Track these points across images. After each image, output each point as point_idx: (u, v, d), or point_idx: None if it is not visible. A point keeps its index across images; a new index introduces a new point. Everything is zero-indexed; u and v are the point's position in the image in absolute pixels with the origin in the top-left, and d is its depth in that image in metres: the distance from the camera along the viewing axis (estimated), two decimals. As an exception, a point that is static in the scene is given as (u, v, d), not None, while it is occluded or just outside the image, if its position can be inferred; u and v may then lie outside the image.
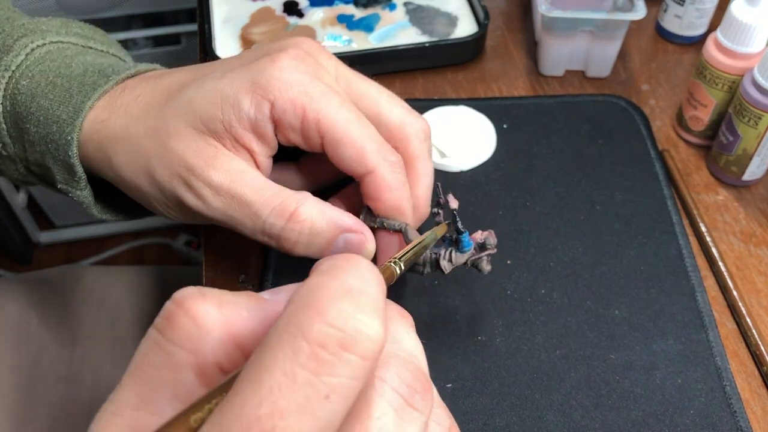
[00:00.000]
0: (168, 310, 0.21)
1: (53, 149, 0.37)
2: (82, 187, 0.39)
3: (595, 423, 0.38)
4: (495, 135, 0.51)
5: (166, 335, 0.21)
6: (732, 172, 0.49)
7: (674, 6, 0.58)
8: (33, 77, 0.38)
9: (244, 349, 0.21)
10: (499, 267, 0.44)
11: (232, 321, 0.21)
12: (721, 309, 0.44)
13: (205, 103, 0.35)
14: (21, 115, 0.38)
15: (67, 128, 0.37)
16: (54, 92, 0.37)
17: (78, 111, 0.37)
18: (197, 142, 0.36)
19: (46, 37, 0.40)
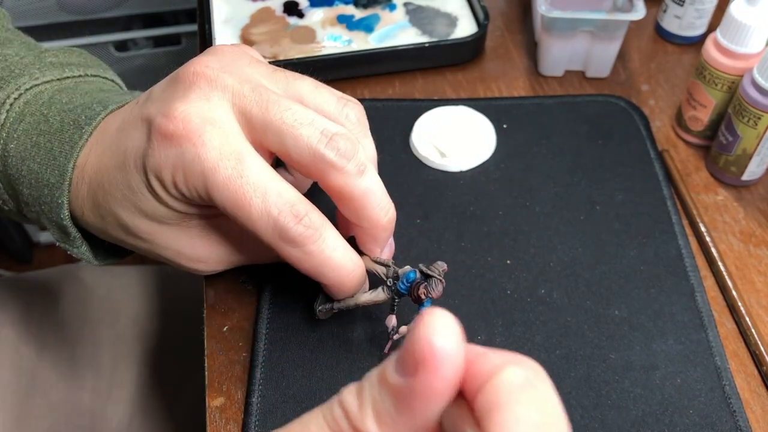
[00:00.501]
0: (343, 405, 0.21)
1: (47, 211, 0.38)
2: (78, 245, 0.39)
3: (594, 423, 0.38)
4: (495, 135, 0.51)
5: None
6: (731, 172, 0.49)
7: (674, 6, 0.58)
8: (19, 138, 0.38)
9: None
10: (499, 267, 0.44)
11: None
12: (721, 309, 0.44)
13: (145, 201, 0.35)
14: (13, 177, 0.38)
15: (56, 192, 0.37)
16: (39, 154, 0.37)
17: (63, 174, 0.36)
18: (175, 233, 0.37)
19: (20, 85, 0.39)
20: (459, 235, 0.46)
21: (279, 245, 0.33)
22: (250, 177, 0.32)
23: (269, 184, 0.32)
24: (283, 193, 0.32)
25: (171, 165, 0.32)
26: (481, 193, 0.48)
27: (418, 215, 0.47)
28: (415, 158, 0.50)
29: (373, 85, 0.56)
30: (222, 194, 0.32)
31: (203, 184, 0.32)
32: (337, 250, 0.33)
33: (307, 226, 0.32)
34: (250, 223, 0.32)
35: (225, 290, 0.43)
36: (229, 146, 0.32)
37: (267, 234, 0.32)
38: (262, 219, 0.32)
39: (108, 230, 0.37)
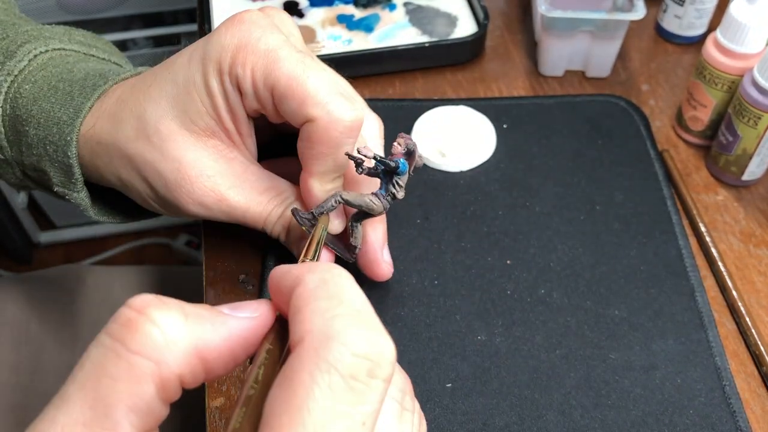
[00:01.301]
0: (126, 317, 0.20)
1: (51, 151, 0.38)
2: (79, 189, 0.39)
3: (594, 423, 0.38)
4: (495, 135, 0.51)
5: (127, 343, 0.20)
6: (732, 172, 0.49)
7: (674, 6, 0.58)
8: (36, 82, 0.38)
9: (206, 364, 0.21)
10: (499, 267, 0.44)
11: (197, 333, 0.21)
12: (721, 309, 0.44)
13: (186, 99, 0.36)
14: (21, 118, 0.38)
15: (66, 128, 0.37)
16: (56, 95, 0.38)
17: (78, 112, 0.37)
18: (193, 145, 0.36)
19: (49, 44, 0.40)
20: (459, 235, 0.46)
21: (333, 99, 0.34)
22: (310, 61, 0.35)
23: (325, 68, 0.35)
24: (337, 81, 0.36)
25: (235, 46, 0.34)
26: (481, 193, 0.48)
27: (418, 215, 0.47)
28: (415, 158, 0.50)
29: (373, 85, 0.56)
30: (283, 67, 0.34)
31: (264, 62, 0.34)
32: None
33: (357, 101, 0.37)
34: (304, 95, 0.34)
35: (225, 290, 0.43)
36: (291, 42, 0.36)
37: (314, 104, 0.34)
38: (318, 89, 0.34)
39: (117, 138, 0.37)
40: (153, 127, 0.36)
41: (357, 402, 0.19)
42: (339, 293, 0.20)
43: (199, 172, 0.36)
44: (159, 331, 0.20)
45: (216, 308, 0.22)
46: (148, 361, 0.20)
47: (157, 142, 0.36)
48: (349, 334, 0.19)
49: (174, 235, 1.34)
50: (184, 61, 0.36)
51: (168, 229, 1.36)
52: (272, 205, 0.38)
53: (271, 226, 0.39)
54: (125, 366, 0.19)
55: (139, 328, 0.20)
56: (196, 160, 0.36)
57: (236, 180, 0.37)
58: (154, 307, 0.20)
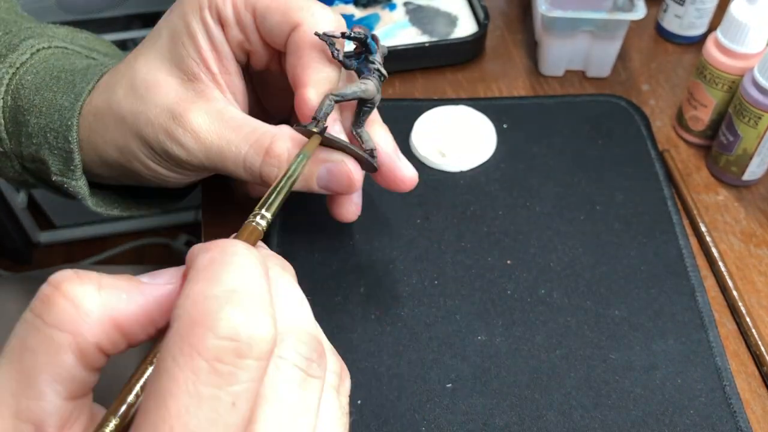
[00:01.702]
0: (44, 293, 0.21)
1: (52, 138, 0.38)
2: (78, 176, 0.39)
3: (594, 423, 0.38)
4: (495, 135, 0.51)
5: (44, 318, 0.21)
6: (732, 172, 0.49)
7: (674, 6, 0.58)
8: (38, 72, 0.39)
9: (123, 331, 0.22)
10: (499, 267, 0.44)
11: (111, 303, 0.22)
12: (721, 309, 0.44)
13: (170, 46, 0.36)
14: (22, 108, 0.38)
15: (67, 114, 0.37)
16: (58, 84, 0.38)
17: (78, 96, 0.38)
18: (177, 88, 0.36)
19: (52, 41, 0.40)
20: (459, 235, 0.46)
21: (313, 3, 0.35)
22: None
23: None
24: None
25: None
26: (481, 193, 0.48)
27: (418, 215, 0.47)
28: (415, 158, 0.50)
29: (373, 84, 0.56)
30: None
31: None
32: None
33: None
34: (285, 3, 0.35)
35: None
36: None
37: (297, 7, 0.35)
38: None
39: (110, 102, 0.37)
40: (141, 79, 0.37)
41: (224, 384, 0.19)
42: (219, 273, 0.20)
43: (181, 113, 0.36)
44: (72, 305, 0.21)
45: (135, 278, 0.23)
46: (64, 333, 0.21)
47: (144, 93, 0.36)
48: (215, 316, 0.19)
49: (174, 235, 1.34)
50: (165, 16, 0.37)
51: (168, 229, 1.36)
52: (248, 144, 0.36)
53: (250, 170, 0.37)
54: (44, 339, 0.21)
55: (54, 303, 0.21)
56: (178, 102, 0.36)
57: (212, 118, 0.36)
58: (69, 282, 0.21)
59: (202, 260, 0.21)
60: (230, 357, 0.19)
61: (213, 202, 0.47)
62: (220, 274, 0.20)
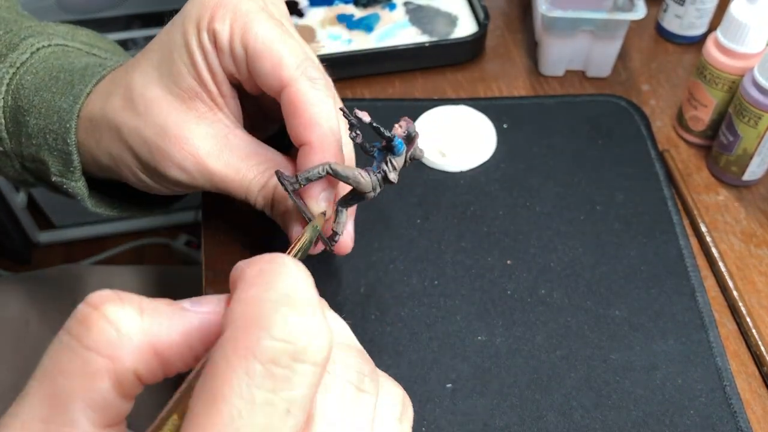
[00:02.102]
0: (83, 314, 0.20)
1: (51, 140, 0.38)
2: (77, 177, 0.39)
3: (595, 423, 0.38)
4: (495, 135, 0.51)
5: (82, 340, 0.20)
6: (732, 172, 0.49)
7: (674, 6, 0.58)
8: (37, 73, 0.38)
9: (162, 359, 0.21)
10: (499, 267, 0.44)
11: (152, 329, 0.20)
12: (722, 309, 0.44)
13: (169, 62, 0.36)
14: (23, 108, 0.38)
15: (66, 116, 0.37)
16: (57, 85, 0.38)
17: (77, 99, 0.37)
18: (176, 107, 0.36)
19: (52, 39, 0.40)
20: (459, 235, 0.46)
21: (298, 80, 0.34)
22: (287, 28, 0.35)
23: (300, 40, 0.36)
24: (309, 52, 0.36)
25: (216, 1, 0.35)
26: (481, 193, 0.48)
27: (418, 215, 0.47)
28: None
29: (373, 84, 0.56)
30: (260, 28, 0.34)
31: (243, 20, 0.34)
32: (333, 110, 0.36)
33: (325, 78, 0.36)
34: (279, 56, 0.34)
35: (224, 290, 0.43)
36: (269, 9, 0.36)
37: (291, 67, 0.34)
38: (292, 54, 0.35)
39: (106, 110, 0.37)
40: (138, 93, 0.36)
41: (279, 388, 0.18)
42: (272, 280, 0.20)
43: (180, 135, 0.36)
44: (113, 328, 0.20)
45: (177, 303, 0.22)
46: (102, 357, 0.20)
47: (142, 108, 0.36)
48: (271, 318, 0.19)
49: (174, 235, 1.34)
50: (167, 28, 0.37)
51: (168, 229, 1.36)
52: (253, 172, 0.36)
53: (254, 196, 0.37)
54: (80, 362, 0.19)
55: (93, 325, 0.20)
56: (177, 123, 0.36)
57: (217, 144, 0.36)
58: (110, 303, 0.20)
59: (252, 271, 0.20)
60: (286, 360, 0.18)
61: (213, 202, 0.47)
62: (273, 280, 0.20)
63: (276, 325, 0.18)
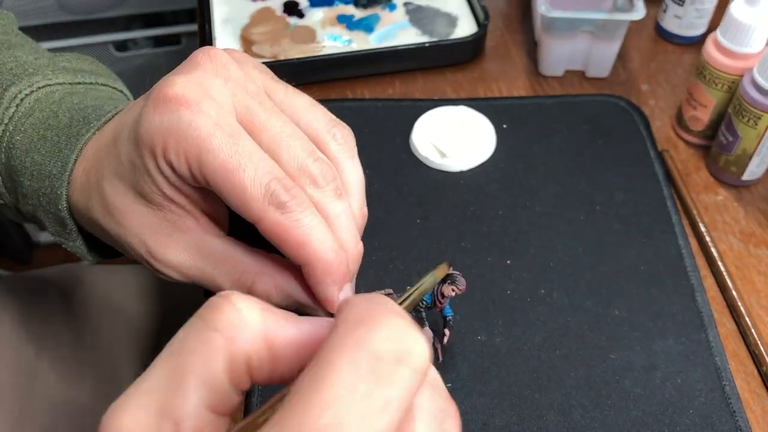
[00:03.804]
0: (213, 301, 0.22)
1: (45, 203, 0.38)
2: (74, 238, 0.39)
3: (594, 423, 0.38)
4: (495, 135, 0.51)
5: (207, 321, 0.22)
6: (731, 172, 0.49)
7: (674, 6, 0.58)
8: (26, 131, 0.38)
9: (273, 353, 0.22)
10: (499, 267, 0.44)
11: (270, 324, 0.22)
12: (721, 309, 0.44)
13: (133, 177, 0.34)
14: (15, 168, 0.38)
15: (56, 183, 0.37)
16: (45, 147, 0.37)
17: (65, 165, 0.37)
18: (149, 218, 0.35)
19: (33, 83, 0.39)
20: (459, 235, 0.46)
21: (266, 212, 0.32)
22: (245, 147, 0.32)
23: (262, 156, 0.32)
24: (274, 167, 0.32)
25: (165, 130, 0.32)
26: (481, 193, 0.48)
27: (418, 215, 0.47)
28: (415, 158, 0.50)
29: (373, 85, 0.56)
30: (215, 160, 0.31)
31: (196, 152, 0.31)
32: (322, 224, 0.33)
33: (295, 196, 0.32)
34: (241, 189, 0.31)
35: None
36: (225, 120, 0.32)
37: (255, 199, 0.31)
38: (254, 184, 0.31)
39: (91, 212, 0.37)
40: (111, 204, 0.35)
41: (379, 384, 0.19)
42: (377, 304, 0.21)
43: (156, 249, 0.35)
44: (235, 312, 0.22)
45: (298, 316, 0.24)
46: (222, 336, 0.21)
47: (119, 219, 0.35)
48: (380, 320, 0.20)
49: (174, 235, 1.34)
50: (124, 137, 0.34)
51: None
52: (226, 280, 0.35)
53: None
54: (202, 341, 0.21)
55: (220, 309, 0.22)
56: (153, 236, 0.35)
57: (190, 254, 0.35)
58: (238, 295, 0.22)
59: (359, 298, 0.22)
60: (390, 359, 0.19)
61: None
62: (381, 300, 0.21)
63: (384, 326, 0.20)
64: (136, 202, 0.35)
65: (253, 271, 0.35)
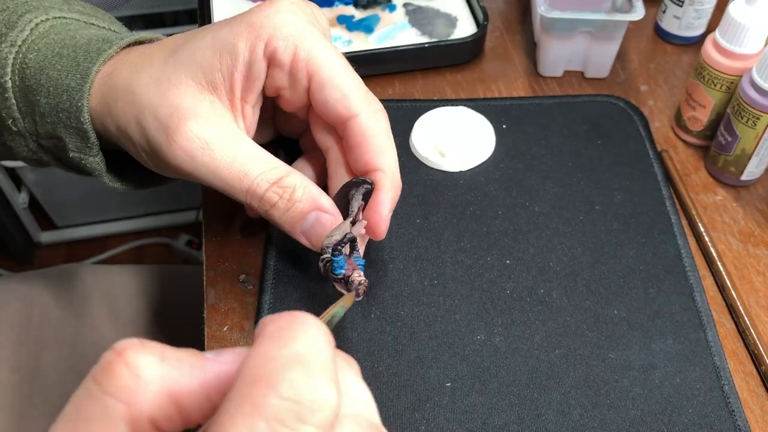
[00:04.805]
0: (106, 360, 0.20)
1: (65, 118, 0.38)
2: (95, 153, 0.39)
3: (593, 422, 0.38)
4: (494, 135, 0.51)
5: (102, 385, 0.20)
6: (730, 172, 0.49)
7: (673, 7, 0.58)
8: (40, 50, 0.38)
9: (179, 406, 0.21)
10: (498, 267, 0.44)
11: (171, 377, 0.21)
12: (720, 308, 0.44)
13: (206, 54, 0.36)
14: (31, 88, 0.38)
15: (76, 95, 0.37)
16: (61, 62, 0.38)
17: (85, 77, 0.37)
18: (194, 94, 0.37)
19: (49, 12, 0.40)
20: (459, 235, 0.46)
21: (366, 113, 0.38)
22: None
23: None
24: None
25: (282, 19, 0.36)
26: (481, 193, 0.48)
27: (418, 215, 0.47)
28: (415, 158, 0.50)
29: (373, 85, 0.56)
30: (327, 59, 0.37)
31: (310, 44, 0.36)
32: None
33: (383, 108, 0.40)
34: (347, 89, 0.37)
35: (225, 290, 0.43)
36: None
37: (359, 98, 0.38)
38: (358, 86, 0.38)
39: (131, 83, 0.37)
40: (167, 76, 0.37)
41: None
42: (287, 338, 0.20)
43: (190, 117, 0.36)
44: (131, 374, 0.20)
45: (199, 353, 0.22)
46: (120, 402, 0.20)
47: (163, 87, 0.37)
48: (279, 376, 0.19)
49: (175, 235, 1.34)
50: (217, 25, 0.38)
51: (168, 229, 1.36)
52: (258, 170, 0.37)
53: (257, 197, 0.37)
54: (100, 408, 0.20)
55: (114, 371, 0.20)
56: (190, 108, 0.36)
57: (225, 137, 0.36)
58: (132, 350, 0.20)
59: (272, 327, 0.20)
60: (291, 420, 0.18)
61: (213, 202, 0.48)
62: (288, 338, 0.20)
63: (283, 385, 0.19)
64: (192, 77, 0.37)
65: (287, 168, 0.38)
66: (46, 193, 1.24)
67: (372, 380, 0.39)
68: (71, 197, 1.26)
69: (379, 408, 0.39)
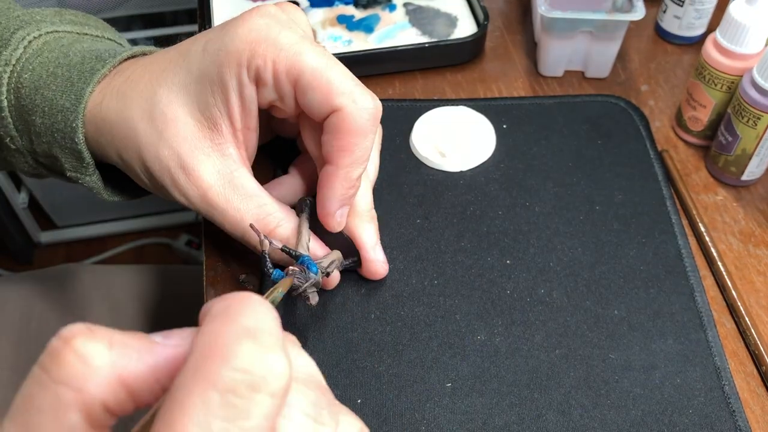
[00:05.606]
0: (54, 348, 0.20)
1: (60, 138, 0.38)
2: (91, 172, 0.39)
3: (594, 422, 0.38)
4: (494, 135, 0.51)
5: (51, 374, 0.20)
6: (731, 172, 0.49)
7: (673, 6, 0.58)
8: (34, 69, 0.38)
9: (130, 390, 0.21)
10: (498, 267, 0.44)
11: (120, 362, 0.21)
12: (720, 309, 0.44)
13: (198, 89, 0.36)
14: (26, 107, 0.38)
15: (71, 116, 0.37)
16: (56, 82, 0.38)
17: (79, 98, 0.37)
18: (194, 133, 0.37)
19: (41, 27, 0.40)
20: (459, 235, 0.46)
21: (348, 105, 0.36)
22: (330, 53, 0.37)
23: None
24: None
25: (254, 38, 0.35)
26: (481, 193, 0.48)
27: (418, 215, 0.47)
28: (415, 158, 0.50)
29: (373, 85, 0.56)
30: (309, 60, 0.35)
31: (287, 53, 0.35)
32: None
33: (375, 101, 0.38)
34: (329, 84, 0.36)
35: (225, 290, 0.43)
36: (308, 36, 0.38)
37: (344, 92, 0.36)
38: (344, 79, 0.36)
39: (124, 117, 0.37)
40: (160, 110, 0.37)
41: (236, 417, 0.18)
42: (236, 315, 0.20)
43: (190, 165, 0.37)
44: (80, 361, 0.20)
45: (147, 336, 0.22)
46: (71, 390, 0.20)
47: (160, 126, 0.36)
48: (231, 349, 0.19)
49: (174, 235, 1.34)
50: (198, 51, 0.37)
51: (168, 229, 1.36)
52: (253, 219, 0.38)
53: (245, 237, 0.39)
54: (50, 396, 0.20)
55: (62, 359, 0.20)
56: (190, 152, 0.37)
57: (222, 180, 0.38)
58: (79, 337, 0.20)
59: (218, 307, 0.21)
60: (244, 390, 0.19)
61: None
62: (236, 315, 0.20)
63: (235, 356, 0.19)
64: (189, 114, 0.37)
65: (278, 217, 0.38)
66: (46, 193, 1.24)
67: (372, 380, 0.39)
68: (71, 197, 1.26)
69: (379, 408, 0.39)
